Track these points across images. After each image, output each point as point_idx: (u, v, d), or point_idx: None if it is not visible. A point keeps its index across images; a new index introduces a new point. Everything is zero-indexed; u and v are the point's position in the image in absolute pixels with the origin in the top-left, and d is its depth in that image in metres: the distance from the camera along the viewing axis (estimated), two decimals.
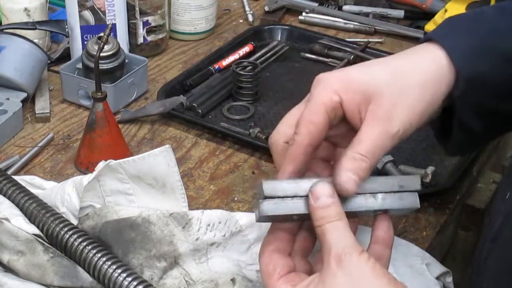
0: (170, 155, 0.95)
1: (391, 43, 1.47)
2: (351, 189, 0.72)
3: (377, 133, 0.73)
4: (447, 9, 1.35)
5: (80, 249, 0.84)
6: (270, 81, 1.33)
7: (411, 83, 0.74)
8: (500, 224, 0.70)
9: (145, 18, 1.36)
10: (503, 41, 0.76)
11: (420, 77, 0.75)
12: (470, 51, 0.76)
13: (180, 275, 0.87)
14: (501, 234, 0.69)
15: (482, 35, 0.76)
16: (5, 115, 1.15)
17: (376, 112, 0.73)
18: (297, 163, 0.74)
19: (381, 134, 0.73)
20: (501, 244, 0.69)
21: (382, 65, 0.76)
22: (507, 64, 0.75)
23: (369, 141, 0.72)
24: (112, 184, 0.95)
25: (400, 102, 0.73)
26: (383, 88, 0.74)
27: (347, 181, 0.71)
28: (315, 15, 1.55)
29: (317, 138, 0.74)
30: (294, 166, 0.74)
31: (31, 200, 0.91)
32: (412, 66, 0.76)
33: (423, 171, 1.06)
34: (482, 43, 0.76)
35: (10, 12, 1.33)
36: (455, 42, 0.76)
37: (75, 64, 1.25)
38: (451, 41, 0.76)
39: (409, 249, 0.91)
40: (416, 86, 0.74)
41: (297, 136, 0.75)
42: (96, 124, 1.06)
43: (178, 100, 1.21)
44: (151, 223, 0.87)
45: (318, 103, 0.75)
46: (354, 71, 0.76)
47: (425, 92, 0.74)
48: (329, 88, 0.75)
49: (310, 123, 0.74)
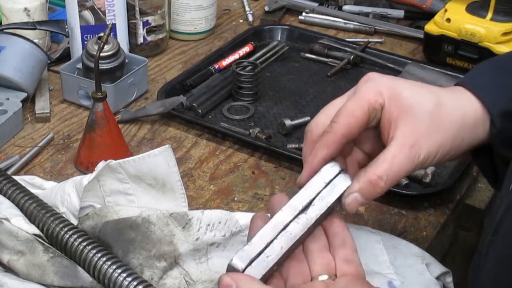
0: (170, 155, 0.95)
1: (391, 43, 1.47)
2: (351, 211, 0.75)
3: (402, 158, 0.74)
4: (447, 9, 1.35)
5: (80, 249, 0.84)
6: (270, 81, 1.33)
7: (449, 120, 0.76)
8: (501, 216, 0.70)
9: (145, 18, 1.36)
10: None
11: (458, 117, 0.76)
12: (498, 88, 0.77)
13: (180, 275, 0.87)
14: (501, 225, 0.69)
15: (508, 72, 0.78)
16: (5, 115, 1.15)
17: (407, 136, 0.74)
18: (330, 150, 0.75)
19: (405, 160, 0.74)
20: (501, 235, 0.69)
21: (429, 92, 0.77)
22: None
23: (392, 164, 0.74)
24: (112, 184, 0.95)
25: (434, 135, 0.75)
26: (425, 115, 0.75)
27: (350, 203, 0.74)
28: (315, 15, 1.55)
29: (354, 132, 0.75)
30: (326, 153, 0.75)
31: (31, 200, 0.91)
32: (453, 103, 0.77)
33: (423, 171, 1.06)
34: (508, 79, 0.77)
35: (10, 12, 1.33)
36: (482, 82, 0.78)
37: (75, 64, 1.25)
38: (478, 82, 0.78)
39: (409, 249, 0.91)
40: (453, 125, 0.76)
41: (335, 124, 0.75)
42: (96, 124, 1.06)
43: (178, 100, 1.21)
44: (151, 223, 0.87)
45: (363, 99, 0.75)
46: (404, 85, 0.77)
47: (460, 133, 0.76)
48: (377, 88, 0.76)
49: (351, 115, 0.75)
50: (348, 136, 0.75)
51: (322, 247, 0.75)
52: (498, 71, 0.80)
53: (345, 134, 0.75)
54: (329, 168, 0.76)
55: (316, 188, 0.75)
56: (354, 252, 0.74)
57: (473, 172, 1.11)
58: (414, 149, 0.74)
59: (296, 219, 0.73)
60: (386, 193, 1.03)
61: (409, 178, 1.06)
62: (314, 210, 0.74)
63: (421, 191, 1.05)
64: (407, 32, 1.48)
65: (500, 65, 0.81)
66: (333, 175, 0.76)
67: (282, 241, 0.72)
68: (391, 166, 0.74)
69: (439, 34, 1.35)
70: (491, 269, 0.70)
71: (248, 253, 0.71)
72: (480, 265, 0.71)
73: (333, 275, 0.73)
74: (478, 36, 1.31)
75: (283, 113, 1.24)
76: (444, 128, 0.76)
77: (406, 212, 1.03)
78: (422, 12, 1.53)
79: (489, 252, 0.70)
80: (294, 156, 1.11)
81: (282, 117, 1.20)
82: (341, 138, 0.75)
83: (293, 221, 0.73)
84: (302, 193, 0.75)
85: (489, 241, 0.71)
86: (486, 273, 0.70)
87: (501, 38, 1.30)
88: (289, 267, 0.74)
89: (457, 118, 0.77)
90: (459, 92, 0.79)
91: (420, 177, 1.06)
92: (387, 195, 1.03)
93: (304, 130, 1.18)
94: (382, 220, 1.01)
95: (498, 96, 0.77)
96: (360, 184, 0.74)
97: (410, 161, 0.74)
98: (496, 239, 0.70)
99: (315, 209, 0.74)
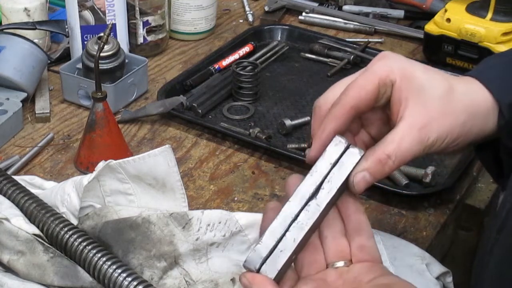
0: (170, 155, 0.95)
1: (391, 43, 1.47)
2: (359, 191, 0.72)
3: (412, 139, 0.73)
4: (447, 9, 1.35)
5: (80, 249, 0.84)
6: (270, 81, 1.33)
7: (460, 106, 0.75)
8: (506, 213, 0.70)
9: (145, 18, 1.36)
10: None
11: (469, 104, 0.76)
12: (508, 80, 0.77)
13: (180, 275, 0.87)
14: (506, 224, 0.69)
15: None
16: (5, 115, 1.15)
17: (417, 117, 0.73)
18: (339, 122, 0.73)
19: (415, 141, 0.73)
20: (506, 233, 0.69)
21: (442, 77, 0.77)
22: None
23: (402, 144, 0.72)
24: (112, 184, 0.95)
25: (444, 119, 0.74)
26: (436, 98, 0.74)
27: (358, 182, 0.72)
28: (315, 15, 1.55)
29: (363, 105, 0.74)
30: (336, 125, 0.73)
31: (31, 200, 0.91)
32: (464, 91, 0.77)
33: (423, 171, 1.06)
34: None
35: (10, 12, 1.33)
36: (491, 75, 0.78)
37: (75, 64, 1.25)
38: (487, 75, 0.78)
39: (409, 249, 0.91)
40: (464, 111, 0.75)
41: (344, 96, 0.74)
42: (96, 124, 1.06)
43: (178, 100, 1.21)
44: (151, 223, 0.87)
45: (374, 74, 0.75)
46: (418, 66, 0.76)
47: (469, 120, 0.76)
48: (390, 66, 0.75)
49: (361, 88, 0.74)
50: (357, 109, 0.74)
51: (337, 233, 0.73)
52: (507, 65, 0.79)
53: (354, 106, 0.73)
54: (334, 147, 0.73)
55: (323, 171, 0.73)
56: (369, 238, 0.73)
57: (473, 172, 1.11)
58: (424, 131, 0.73)
59: (306, 207, 0.72)
60: (386, 193, 1.04)
61: (409, 178, 1.06)
62: (323, 194, 0.72)
63: (421, 191, 1.05)
64: (407, 32, 1.48)
65: (509, 60, 0.81)
66: (339, 153, 0.73)
67: (294, 233, 0.71)
68: (400, 146, 0.72)
69: (439, 34, 1.35)
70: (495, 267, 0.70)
71: (259, 252, 0.70)
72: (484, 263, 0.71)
73: (349, 261, 0.72)
74: (478, 36, 1.31)
75: (283, 113, 1.24)
76: (454, 113, 0.75)
77: (406, 212, 1.03)
78: (422, 12, 1.53)
79: (494, 250, 0.70)
80: (294, 156, 1.11)
81: (282, 117, 1.20)
82: (350, 110, 0.73)
83: (303, 210, 0.71)
84: (308, 179, 0.73)
85: (493, 239, 0.71)
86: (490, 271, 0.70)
87: (501, 38, 1.30)
88: (303, 256, 0.73)
89: (467, 105, 0.76)
90: (470, 82, 0.78)
91: (420, 177, 1.06)
92: (387, 195, 1.04)
93: (304, 130, 1.19)
94: (382, 220, 1.01)
95: (508, 87, 0.77)
96: (368, 163, 0.73)
97: (419, 143, 0.73)
98: (501, 237, 0.69)
99: (324, 193, 0.72)
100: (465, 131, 0.76)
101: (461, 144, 0.77)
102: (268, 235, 0.71)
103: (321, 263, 0.73)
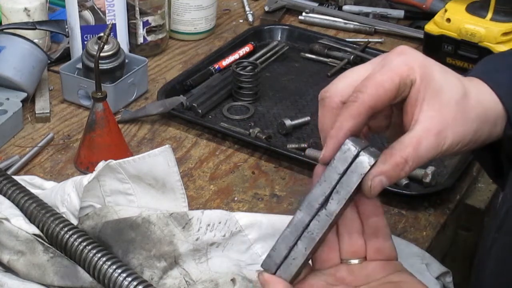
0: (170, 155, 0.95)
1: (391, 43, 1.47)
2: (373, 195, 0.70)
3: (428, 144, 0.71)
4: (447, 9, 1.35)
5: (80, 249, 0.84)
6: (270, 81, 1.33)
7: (474, 113, 0.74)
8: (505, 212, 0.70)
9: (145, 18, 1.36)
10: None
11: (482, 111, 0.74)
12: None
13: (180, 275, 0.87)
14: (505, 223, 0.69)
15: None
16: (5, 115, 1.15)
17: (434, 122, 0.71)
18: (356, 121, 0.70)
19: (431, 146, 0.71)
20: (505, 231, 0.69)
21: (458, 80, 0.75)
22: None
23: (419, 149, 0.70)
24: (112, 184, 0.95)
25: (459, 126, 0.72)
26: (452, 104, 0.72)
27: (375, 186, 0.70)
28: (315, 15, 1.55)
29: (380, 105, 0.71)
30: (352, 124, 0.70)
31: (31, 200, 0.91)
32: (477, 96, 0.75)
33: (423, 171, 1.06)
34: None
35: (10, 12, 1.33)
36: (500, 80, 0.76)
37: (75, 64, 1.25)
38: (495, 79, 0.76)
39: (409, 249, 0.91)
40: (477, 118, 0.74)
41: (361, 94, 0.70)
42: (96, 124, 1.06)
43: (178, 100, 1.21)
44: (151, 223, 0.87)
45: (395, 71, 0.71)
46: (436, 66, 0.74)
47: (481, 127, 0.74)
48: (411, 64, 0.72)
49: (380, 86, 0.70)
50: (375, 108, 0.70)
51: (354, 233, 0.73)
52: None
53: (373, 106, 0.70)
54: (343, 155, 0.71)
55: (332, 181, 0.71)
56: (386, 240, 0.72)
57: (473, 172, 1.11)
58: (440, 136, 0.71)
59: (317, 217, 0.71)
60: (386, 193, 1.04)
61: (409, 178, 1.06)
62: (333, 205, 0.71)
63: (421, 191, 1.05)
64: (407, 32, 1.48)
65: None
66: (348, 162, 0.71)
67: (305, 242, 0.71)
68: (417, 150, 0.70)
69: (439, 34, 1.35)
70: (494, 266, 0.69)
71: (273, 258, 0.71)
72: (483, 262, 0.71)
73: (363, 258, 0.72)
74: (478, 36, 1.31)
75: (283, 113, 1.24)
76: (469, 120, 0.73)
77: (406, 212, 1.03)
78: (422, 12, 1.53)
79: (493, 249, 0.70)
80: (294, 156, 1.11)
81: (282, 117, 1.20)
82: (368, 109, 0.70)
83: (313, 219, 0.71)
84: (317, 188, 0.71)
85: (492, 239, 0.71)
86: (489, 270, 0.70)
87: (501, 38, 1.30)
88: (319, 253, 0.73)
89: (481, 112, 0.74)
90: (480, 85, 0.76)
91: (420, 177, 1.06)
92: (387, 195, 1.04)
93: (304, 130, 1.19)
94: None
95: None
96: (386, 166, 0.70)
97: (435, 148, 0.71)
98: (499, 237, 0.69)
99: (334, 203, 0.70)
100: (476, 137, 0.74)
101: (470, 148, 0.76)
102: (281, 242, 0.71)
103: (336, 260, 0.73)
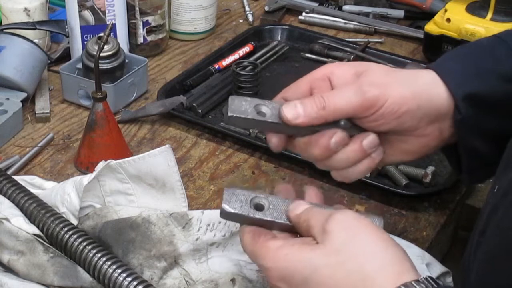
0: (170, 155, 0.95)
1: (391, 43, 1.47)
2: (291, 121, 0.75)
3: (348, 89, 0.76)
4: (447, 9, 1.35)
5: (80, 249, 0.84)
6: (270, 81, 1.33)
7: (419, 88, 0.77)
8: (487, 217, 0.70)
9: (145, 18, 1.36)
10: (499, 65, 0.78)
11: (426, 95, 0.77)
12: (465, 73, 0.78)
13: (180, 275, 0.87)
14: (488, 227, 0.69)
15: (476, 59, 0.79)
16: (5, 115, 1.15)
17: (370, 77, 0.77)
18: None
19: (351, 91, 0.76)
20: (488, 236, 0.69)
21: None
22: (505, 83, 0.77)
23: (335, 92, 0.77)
24: (112, 184, 0.95)
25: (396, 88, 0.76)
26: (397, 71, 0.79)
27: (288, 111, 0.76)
28: (315, 15, 1.55)
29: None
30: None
31: (31, 200, 0.91)
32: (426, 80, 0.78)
33: (423, 171, 1.06)
34: (476, 66, 0.78)
35: (10, 12, 1.33)
36: (449, 67, 0.79)
37: (75, 64, 1.25)
38: (445, 67, 0.79)
39: (409, 249, 0.91)
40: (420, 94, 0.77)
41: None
42: (96, 124, 1.06)
43: (178, 100, 1.21)
44: (151, 223, 0.87)
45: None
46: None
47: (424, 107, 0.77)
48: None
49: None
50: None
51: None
52: (467, 58, 0.80)
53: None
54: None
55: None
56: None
57: None
58: (361, 86, 0.76)
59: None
60: (386, 193, 1.04)
61: (409, 178, 1.06)
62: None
63: (421, 191, 1.05)
64: (407, 32, 1.48)
65: (470, 51, 0.81)
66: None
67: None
68: (333, 92, 0.77)
69: (439, 34, 1.35)
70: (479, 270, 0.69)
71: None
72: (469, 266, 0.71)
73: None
74: (478, 36, 1.31)
75: None
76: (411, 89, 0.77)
77: (406, 212, 1.03)
78: (422, 12, 1.53)
79: (477, 253, 0.70)
80: (294, 156, 1.11)
81: None
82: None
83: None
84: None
85: (476, 242, 0.71)
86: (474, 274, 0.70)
87: None
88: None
89: (424, 94, 0.77)
90: (429, 73, 0.79)
91: (420, 177, 1.06)
92: (387, 195, 1.04)
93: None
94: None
95: (463, 79, 0.78)
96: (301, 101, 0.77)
97: (356, 94, 0.75)
98: (483, 240, 0.69)
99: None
100: (419, 114, 0.77)
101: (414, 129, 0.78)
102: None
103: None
